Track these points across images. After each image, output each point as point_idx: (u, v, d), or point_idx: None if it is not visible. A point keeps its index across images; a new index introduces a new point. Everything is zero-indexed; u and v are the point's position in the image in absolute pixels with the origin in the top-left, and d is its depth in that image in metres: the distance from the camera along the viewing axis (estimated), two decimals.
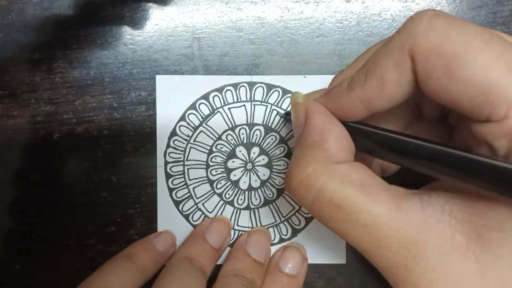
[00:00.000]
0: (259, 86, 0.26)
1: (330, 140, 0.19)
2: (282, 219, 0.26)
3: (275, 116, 0.26)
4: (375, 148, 0.19)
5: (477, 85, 0.15)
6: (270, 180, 0.26)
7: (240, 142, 0.26)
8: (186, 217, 0.26)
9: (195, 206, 0.26)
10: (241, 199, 0.26)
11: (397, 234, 0.17)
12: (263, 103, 0.26)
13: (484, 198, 0.17)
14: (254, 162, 0.26)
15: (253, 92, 0.26)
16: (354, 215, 0.18)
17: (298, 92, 0.21)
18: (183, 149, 0.26)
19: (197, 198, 0.26)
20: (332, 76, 0.26)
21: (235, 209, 0.26)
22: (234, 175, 0.26)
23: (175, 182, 0.26)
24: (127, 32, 0.26)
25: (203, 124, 0.26)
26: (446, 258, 0.17)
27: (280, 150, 0.26)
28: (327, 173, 0.18)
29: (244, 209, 0.26)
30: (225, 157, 0.26)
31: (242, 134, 0.26)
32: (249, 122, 0.26)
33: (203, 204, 0.26)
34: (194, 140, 0.26)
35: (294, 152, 0.20)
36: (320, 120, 0.19)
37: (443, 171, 0.17)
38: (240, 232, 0.26)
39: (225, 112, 0.26)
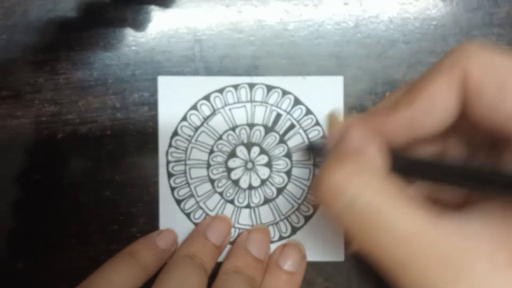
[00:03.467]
0: (259, 87, 0.26)
1: (371, 148, 0.18)
2: (282, 217, 0.26)
3: (300, 145, 0.26)
4: (412, 173, 0.19)
5: None
6: (270, 179, 0.26)
7: (240, 142, 0.26)
8: (188, 215, 0.26)
9: (196, 205, 0.26)
10: (241, 198, 0.26)
11: (434, 247, 0.16)
12: (263, 104, 0.26)
13: None
14: (254, 161, 0.26)
15: (253, 93, 0.26)
16: (389, 223, 0.17)
17: (337, 112, 0.21)
18: (185, 149, 0.26)
19: (198, 196, 0.26)
20: (331, 77, 0.26)
21: (236, 208, 0.26)
22: (235, 174, 0.26)
23: (177, 181, 0.26)
24: (130, 34, 0.26)
25: (204, 124, 0.26)
26: (486, 275, 0.16)
27: (280, 149, 0.26)
28: (363, 180, 0.17)
29: (244, 207, 0.26)
30: (225, 157, 0.26)
31: (243, 134, 0.26)
32: (249, 122, 0.26)
33: (204, 202, 0.26)
34: (196, 140, 0.26)
35: (326, 161, 0.19)
36: (361, 134, 0.19)
37: (489, 189, 0.16)
38: (241, 230, 0.26)
39: (225, 113, 0.26)
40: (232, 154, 0.26)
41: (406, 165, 0.19)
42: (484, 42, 0.17)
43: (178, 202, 0.26)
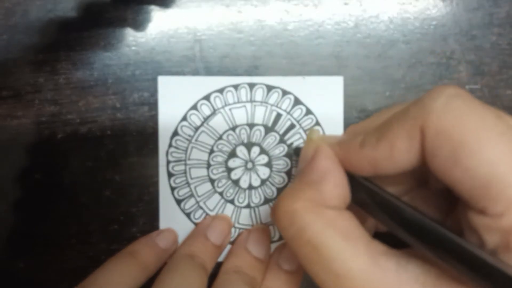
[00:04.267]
0: (259, 87, 0.26)
1: (328, 184, 0.19)
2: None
3: (288, 148, 0.26)
4: (369, 205, 0.19)
5: (480, 177, 0.15)
6: (270, 179, 0.26)
7: (240, 141, 0.26)
8: (188, 215, 0.26)
9: (196, 205, 0.26)
10: (241, 198, 0.26)
11: (370, 286, 0.17)
12: (263, 104, 0.26)
13: (460, 282, 0.16)
14: (255, 161, 0.26)
15: (253, 93, 0.26)
16: (328, 261, 0.17)
17: (316, 130, 0.22)
18: (185, 149, 0.26)
19: (198, 196, 0.26)
20: (331, 77, 0.26)
21: (236, 208, 0.26)
22: (235, 174, 0.26)
23: (177, 181, 0.26)
24: (130, 34, 0.26)
25: (204, 124, 0.26)
26: None
27: (280, 149, 0.26)
28: (314, 213, 0.18)
29: (244, 207, 0.26)
30: (225, 157, 0.26)
31: (243, 134, 0.26)
32: (249, 122, 0.26)
33: (204, 202, 0.26)
34: (196, 140, 0.26)
35: (291, 183, 0.20)
36: (325, 163, 0.19)
37: (429, 248, 0.17)
38: (241, 230, 0.26)
39: (225, 113, 0.26)
40: (232, 154, 0.26)
41: (365, 201, 0.19)
42: (458, 91, 0.17)
43: (178, 202, 0.26)
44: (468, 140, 0.15)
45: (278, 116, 0.26)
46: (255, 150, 0.26)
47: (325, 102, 0.26)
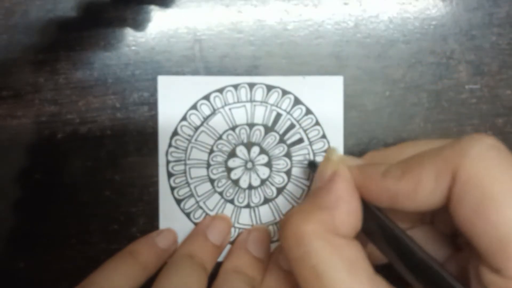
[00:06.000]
0: (259, 87, 0.26)
1: (342, 211, 0.18)
2: (282, 217, 0.26)
3: (303, 161, 0.26)
4: (377, 237, 0.19)
5: (501, 234, 0.15)
6: (270, 179, 0.26)
7: (240, 141, 0.26)
8: (188, 215, 0.26)
9: (196, 205, 0.26)
10: (241, 198, 0.26)
11: None
12: (263, 103, 0.26)
13: None
14: (254, 161, 0.26)
15: (253, 93, 0.26)
16: None
17: (334, 149, 0.21)
18: (185, 149, 0.26)
19: (198, 196, 0.26)
20: (331, 76, 0.26)
21: (236, 208, 0.26)
22: (235, 174, 0.26)
23: (177, 181, 0.26)
24: (130, 34, 0.26)
25: (204, 124, 0.26)
26: None
27: (279, 149, 0.26)
28: (323, 239, 0.18)
29: (244, 207, 0.26)
30: (225, 156, 0.26)
31: (242, 133, 0.26)
32: (249, 122, 0.26)
33: (204, 202, 0.26)
34: (195, 140, 0.26)
35: (304, 200, 0.20)
36: (342, 188, 0.19)
37: None
38: (241, 230, 0.26)
39: (225, 112, 0.26)
40: (232, 154, 0.26)
41: (374, 231, 0.19)
42: (496, 143, 0.16)
43: (178, 202, 0.26)
44: (497, 193, 0.15)
45: (278, 116, 0.26)
46: (255, 150, 0.26)
47: (325, 102, 0.26)
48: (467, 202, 0.16)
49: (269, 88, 0.26)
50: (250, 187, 0.26)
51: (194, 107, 0.26)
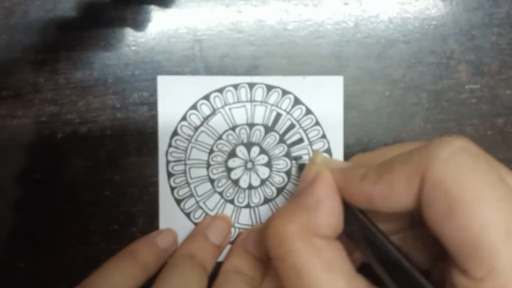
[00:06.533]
0: (259, 87, 0.26)
1: (322, 212, 0.19)
2: None
3: (293, 161, 0.26)
4: (357, 238, 0.19)
5: (469, 237, 0.15)
6: (270, 179, 0.26)
7: (240, 141, 0.26)
8: (188, 215, 0.26)
9: (196, 205, 0.26)
10: (241, 198, 0.26)
11: None
12: (263, 103, 0.26)
13: None
14: (254, 161, 0.26)
15: (253, 93, 0.26)
16: None
17: (320, 153, 0.21)
18: (185, 149, 0.26)
19: (198, 196, 0.26)
20: (331, 76, 0.26)
21: (236, 208, 0.26)
22: (235, 174, 0.26)
23: (177, 181, 0.26)
24: (130, 34, 0.26)
25: (204, 124, 0.26)
26: None
27: (279, 149, 0.26)
28: (303, 240, 0.18)
29: (244, 207, 0.26)
30: (225, 156, 0.26)
31: (242, 133, 0.26)
32: (249, 122, 0.26)
33: (204, 202, 0.26)
34: (195, 140, 0.26)
35: (288, 202, 0.20)
36: (324, 190, 0.19)
37: None
38: (241, 230, 0.26)
39: (225, 112, 0.26)
40: (232, 154, 0.26)
41: (355, 233, 0.19)
42: (466, 146, 0.16)
43: (178, 202, 0.26)
44: (465, 199, 0.15)
45: (278, 116, 0.26)
46: (255, 150, 0.26)
47: (325, 102, 0.26)
48: (436, 207, 0.16)
49: (269, 88, 0.26)
50: (250, 187, 0.26)
51: (194, 107, 0.26)
